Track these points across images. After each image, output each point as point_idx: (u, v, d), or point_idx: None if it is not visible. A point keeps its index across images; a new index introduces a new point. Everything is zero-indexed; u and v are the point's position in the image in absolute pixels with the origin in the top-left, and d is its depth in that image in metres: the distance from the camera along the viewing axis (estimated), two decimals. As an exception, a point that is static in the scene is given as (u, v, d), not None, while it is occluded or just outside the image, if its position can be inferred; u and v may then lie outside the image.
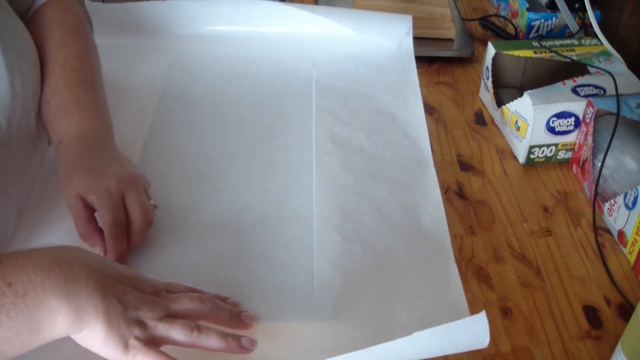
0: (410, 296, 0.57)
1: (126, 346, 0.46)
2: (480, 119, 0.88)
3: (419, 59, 0.86)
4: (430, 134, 0.76)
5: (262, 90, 0.82)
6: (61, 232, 0.62)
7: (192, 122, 0.77)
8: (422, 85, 0.81)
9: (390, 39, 0.88)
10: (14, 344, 0.43)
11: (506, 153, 0.81)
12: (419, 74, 0.86)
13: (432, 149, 0.74)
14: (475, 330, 0.45)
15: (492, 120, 0.87)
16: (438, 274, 0.59)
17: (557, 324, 0.60)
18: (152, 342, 0.47)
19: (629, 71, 0.81)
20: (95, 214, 0.58)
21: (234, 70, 0.85)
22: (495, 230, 0.70)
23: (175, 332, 0.48)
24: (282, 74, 0.85)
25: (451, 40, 1.02)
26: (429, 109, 0.89)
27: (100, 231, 0.58)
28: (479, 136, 0.84)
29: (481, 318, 0.44)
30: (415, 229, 0.64)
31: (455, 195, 0.74)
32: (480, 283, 0.64)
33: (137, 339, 0.46)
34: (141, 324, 0.47)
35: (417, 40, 0.92)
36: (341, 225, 0.64)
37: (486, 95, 0.89)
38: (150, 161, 0.70)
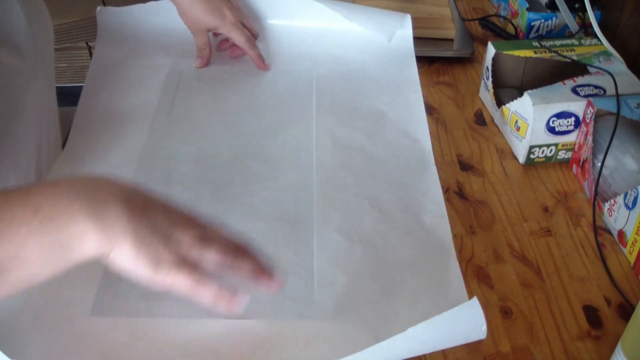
0: (412, 295, 0.57)
1: (157, 264, 0.45)
2: (480, 119, 0.88)
3: (419, 59, 0.86)
4: (430, 134, 0.76)
5: (263, 89, 0.83)
6: None
7: (192, 122, 0.77)
8: (422, 85, 0.81)
9: (389, 34, 0.89)
10: (45, 265, 0.43)
11: (506, 153, 0.81)
12: (419, 74, 0.86)
13: (432, 148, 0.74)
14: (470, 319, 0.45)
15: (492, 120, 0.87)
16: (439, 273, 0.59)
17: (557, 324, 0.61)
18: (184, 263, 0.46)
19: (629, 71, 0.81)
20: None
21: (234, 69, 0.85)
22: (495, 230, 0.70)
23: (211, 254, 0.47)
24: (282, 73, 0.85)
25: (451, 40, 1.02)
26: (429, 109, 0.89)
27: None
28: (479, 136, 0.84)
29: (474, 305, 0.44)
30: (417, 228, 0.64)
31: (455, 195, 0.75)
32: (480, 283, 0.64)
33: (168, 258, 0.45)
34: (172, 244, 0.46)
35: (417, 40, 0.92)
36: (341, 225, 0.64)
37: (486, 95, 0.89)
38: (151, 160, 0.70)
